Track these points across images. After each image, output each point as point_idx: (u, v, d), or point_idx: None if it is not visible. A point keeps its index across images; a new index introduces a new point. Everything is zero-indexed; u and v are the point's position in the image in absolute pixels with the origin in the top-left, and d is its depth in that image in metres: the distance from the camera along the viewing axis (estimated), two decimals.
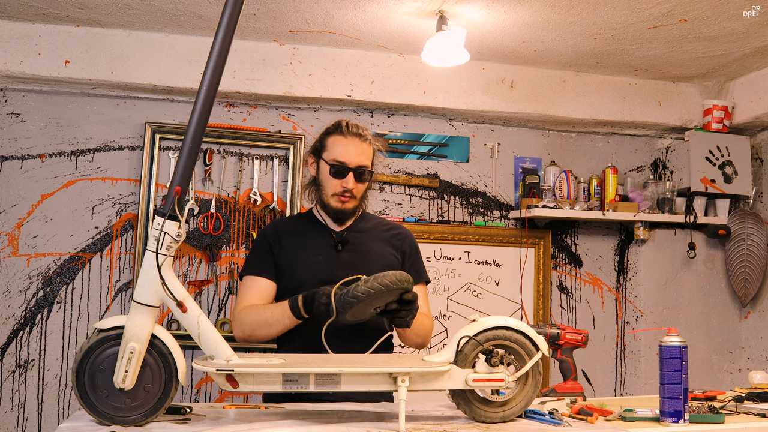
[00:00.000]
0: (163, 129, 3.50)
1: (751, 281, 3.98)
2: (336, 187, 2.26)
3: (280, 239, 2.31)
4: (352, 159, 2.25)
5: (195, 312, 1.60)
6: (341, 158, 2.25)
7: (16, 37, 3.28)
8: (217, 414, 1.75)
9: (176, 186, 1.57)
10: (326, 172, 2.27)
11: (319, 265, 2.25)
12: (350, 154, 2.26)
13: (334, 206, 2.28)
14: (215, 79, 1.60)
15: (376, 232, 2.38)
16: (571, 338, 2.25)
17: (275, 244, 2.30)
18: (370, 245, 2.33)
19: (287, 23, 3.26)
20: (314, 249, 2.29)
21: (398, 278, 1.86)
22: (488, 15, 3.09)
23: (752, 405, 2.10)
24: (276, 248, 2.29)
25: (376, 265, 2.26)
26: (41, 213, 3.42)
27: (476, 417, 1.69)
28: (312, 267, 2.25)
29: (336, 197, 2.27)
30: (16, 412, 3.32)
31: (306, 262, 2.26)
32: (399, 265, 2.34)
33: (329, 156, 2.27)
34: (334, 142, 2.28)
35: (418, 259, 2.41)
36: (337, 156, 2.26)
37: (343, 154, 2.25)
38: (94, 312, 3.43)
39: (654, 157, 4.14)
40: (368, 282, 1.83)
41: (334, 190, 2.26)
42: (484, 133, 3.92)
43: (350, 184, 2.25)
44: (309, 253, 2.28)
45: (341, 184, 2.25)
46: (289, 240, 2.31)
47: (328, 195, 2.28)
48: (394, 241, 2.37)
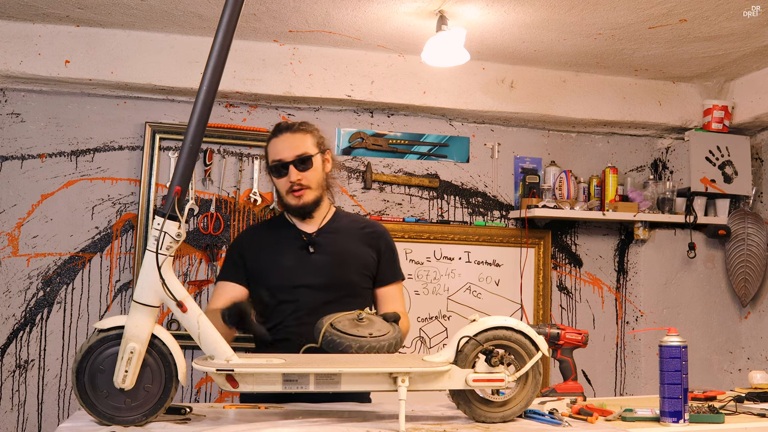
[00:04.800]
0: (163, 129, 3.50)
1: (751, 281, 3.98)
2: (284, 185, 2.29)
3: (252, 245, 2.33)
4: (287, 153, 2.28)
5: (195, 312, 1.60)
6: (278, 156, 2.29)
7: (16, 37, 3.28)
8: (217, 414, 1.75)
9: (176, 186, 1.57)
10: (273, 176, 2.32)
11: (290, 269, 2.26)
12: (285, 150, 2.28)
13: (293, 204, 2.29)
14: (215, 79, 1.60)
15: (350, 231, 2.36)
16: (571, 338, 2.25)
17: (247, 250, 2.32)
18: (344, 246, 2.32)
19: (287, 23, 3.26)
20: (285, 253, 2.29)
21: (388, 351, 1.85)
22: (488, 15, 3.09)
23: (752, 405, 2.10)
24: (248, 254, 2.31)
25: (351, 267, 2.28)
26: (41, 213, 3.42)
27: (476, 417, 1.69)
28: (284, 271, 2.26)
29: (290, 195, 2.29)
30: (16, 412, 3.32)
31: (277, 267, 2.27)
32: (375, 265, 2.34)
33: (270, 160, 2.32)
34: (271, 147, 2.33)
35: (394, 257, 2.41)
36: (273, 156, 2.30)
37: (279, 152, 2.29)
38: (94, 312, 3.43)
39: (654, 157, 4.14)
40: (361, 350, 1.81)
41: (284, 189, 2.29)
42: (484, 133, 3.92)
43: (294, 176, 2.27)
44: (280, 257, 2.29)
45: (287, 180, 2.28)
46: (261, 245, 2.32)
47: (284, 195, 2.31)
48: (369, 240, 2.36)
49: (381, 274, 2.36)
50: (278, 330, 2.22)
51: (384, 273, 2.37)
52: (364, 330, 1.86)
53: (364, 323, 1.89)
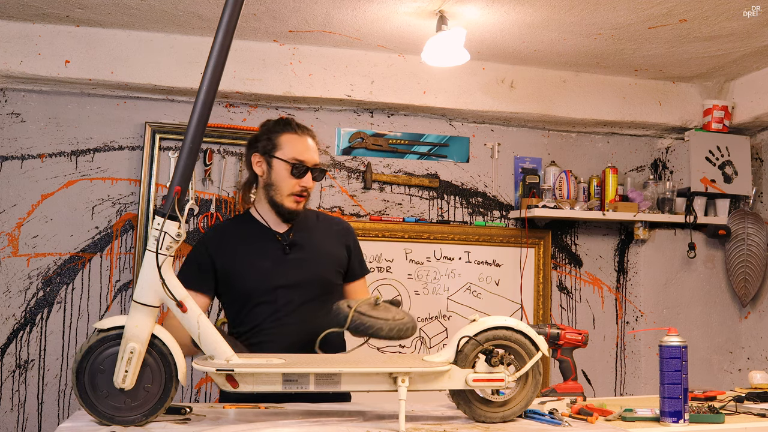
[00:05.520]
0: (163, 129, 3.50)
1: (751, 281, 3.98)
2: (294, 187, 2.21)
3: (221, 246, 2.23)
4: (310, 157, 2.22)
5: (195, 312, 1.60)
6: (300, 157, 2.20)
7: (16, 37, 3.28)
8: (217, 414, 1.75)
9: (176, 186, 1.57)
10: (283, 172, 2.20)
11: (268, 270, 2.20)
12: (307, 153, 2.22)
13: (289, 206, 2.22)
14: (215, 79, 1.60)
15: (321, 228, 2.34)
16: (571, 338, 2.25)
17: (217, 252, 2.21)
18: (318, 244, 2.29)
19: (287, 23, 3.26)
20: (261, 254, 2.22)
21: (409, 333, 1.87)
22: (488, 15, 3.09)
23: (752, 405, 2.10)
24: (218, 256, 2.21)
25: (327, 264, 2.26)
26: (41, 213, 3.42)
27: (476, 417, 1.69)
28: (261, 272, 2.19)
29: (292, 197, 2.21)
30: (16, 412, 3.32)
31: (254, 269, 2.20)
32: (346, 261, 2.33)
33: (286, 155, 2.20)
34: (288, 141, 2.22)
35: (361, 252, 2.41)
36: (295, 155, 2.20)
37: (302, 152, 2.21)
38: (94, 312, 3.43)
39: (654, 157, 4.14)
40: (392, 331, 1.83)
41: (292, 190, 2.21)
42: (484, 133, 3.92)
43: (309, 182, 2.22)
44: (256, 258, 2.21)
45: (300, 183, 2.21)
46: (234, 247, 2.23)
47: (284, 195, 2.21)
48: (339, 237, 2.35)
49: (351, 270, 2.36)
50: (256, 332, 2.18)
51: (354, 268, 2.36)
52: (385, 314, 1.86)
53: (381, 308, 1.89)
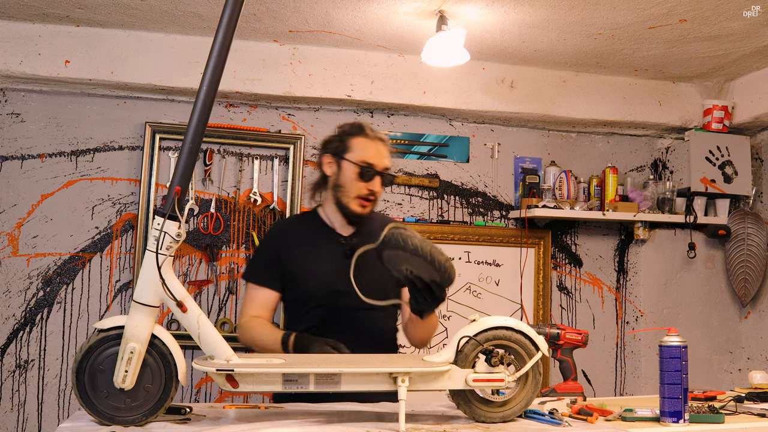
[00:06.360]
0: (163, 129, 3.50)
1: (751, 281, 3.98)
2: (361, 190, 2.23)
3: (288, 244, 2.27)
4: (380, 162, 2.25)
5: (195, 312, 1.60)
6: (371, 160, 2.24)
7: (16, 37, 3.28)
8: (217, 414, 1.75)
9: (176, 186, 1.57)
10: (351, 174, 2.24)
11: (329, 274, 2.22)
12: (378, 157, 2.25)
13: (355, 209, 2.25)
14: (215, 79, 1.60)
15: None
16: (571, 338, 2.25)
17: (283, 249, 2.26)
18: None
19: (287, 23, 3.26)
20: (324, 257, 2.26)
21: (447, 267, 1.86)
22: (488, 15, 3.09)
23: (752, 405, 2.10)
24: (284, 253, 2.26)
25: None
26: (41, 213, 3.42)
27: (476, 417, 1.69)
28: (321, 276, 2.23)
29: (358, 200, 2.24)
30: (16, 412, 3.32)
31: (315, 271, 2.23)
32: None
33: (356, 157, 2.24)
34: (359, 144, 2.26)
35: None
36: (366, 158, 2.23)
37: (372, 156, 2.24)
38: (94, 312, 3.43)
39: (654, 157, 4.14)
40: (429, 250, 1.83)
41: (359, 193, 2.24)
42: (484, 133, 3.92)
43: (377, 186, 2.24)
44: (318, 261, 2.25)
45: (367, 186, 2.23)
46: (298, 246, 2.27)
47: (350, 197, 2.24)
48: None
49: None
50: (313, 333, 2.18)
51: None
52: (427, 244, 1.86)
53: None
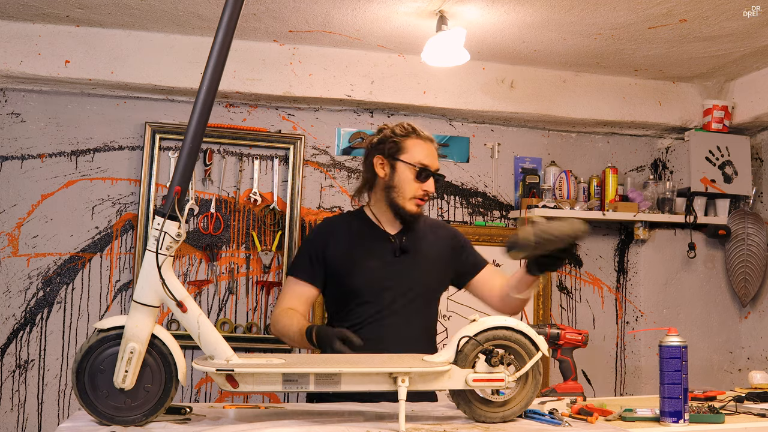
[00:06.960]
0: (163, 129, 3.50)
1: (751, 281, 3.98)
2: (417, 191, 2.26)
3: (334, 240, 2.29)
4: (433, 162, 2.29)
5: (195, 312, 1.60)
6: (426, 161, 2.27)
7: (16, 37, 3.28)
8: (217, 414, 1.75)
9: (176, 186, 1.57)
10: (407, 175, 2.26)
11: (375, 271, 2.25)
12: (432, 158, 2.29)
13: (410, 210, 2.27)
14: (215, 79, 1.60)
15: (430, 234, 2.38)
16: (571, 338, 2.25)
17: (329, 244, 2.28)
18: (428, 251, 2.33)
19: (287, 23, 3.26)
20: (371, 254, 2.28)
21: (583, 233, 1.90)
22: (488, 15, 3.09)
23: (752, 405, 2.10)
24: (329, 249, 2.27)
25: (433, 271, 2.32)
26: (41, 213, 3.42)
27: (476, 417, 1.69)
28: (368, 273, 2.25)
29: (414, 201, 2.27)
30: (16, 412, 3.32)
31: (362, 268, 2.25)
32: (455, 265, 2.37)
33: (412, 158, 2.26)
34: (414, 145, 2.29)
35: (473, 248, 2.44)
36: (422, 159, 2.27)
37: (428, 157, 2.28)
38: (94, 312, 3.43)
39: (654, 157, 4.14)
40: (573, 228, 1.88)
41: (414, 194, 2.26)
42: (484, 133, 3.92)
43: (431, 187, 2.28)
44: (365, 258, 2.27)
45: (423, 187, 2.26)
46: (345, 242, 2.29)
47: (406, 198, 2.26)
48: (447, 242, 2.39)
49: (473, 263, 2.40)
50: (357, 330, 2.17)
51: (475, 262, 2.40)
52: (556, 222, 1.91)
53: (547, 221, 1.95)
